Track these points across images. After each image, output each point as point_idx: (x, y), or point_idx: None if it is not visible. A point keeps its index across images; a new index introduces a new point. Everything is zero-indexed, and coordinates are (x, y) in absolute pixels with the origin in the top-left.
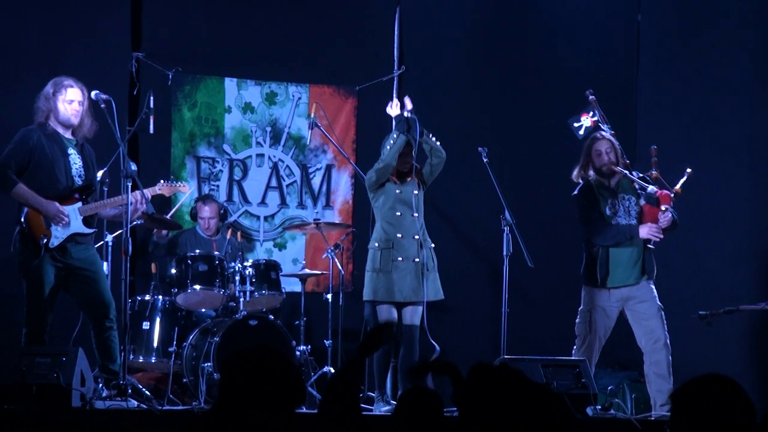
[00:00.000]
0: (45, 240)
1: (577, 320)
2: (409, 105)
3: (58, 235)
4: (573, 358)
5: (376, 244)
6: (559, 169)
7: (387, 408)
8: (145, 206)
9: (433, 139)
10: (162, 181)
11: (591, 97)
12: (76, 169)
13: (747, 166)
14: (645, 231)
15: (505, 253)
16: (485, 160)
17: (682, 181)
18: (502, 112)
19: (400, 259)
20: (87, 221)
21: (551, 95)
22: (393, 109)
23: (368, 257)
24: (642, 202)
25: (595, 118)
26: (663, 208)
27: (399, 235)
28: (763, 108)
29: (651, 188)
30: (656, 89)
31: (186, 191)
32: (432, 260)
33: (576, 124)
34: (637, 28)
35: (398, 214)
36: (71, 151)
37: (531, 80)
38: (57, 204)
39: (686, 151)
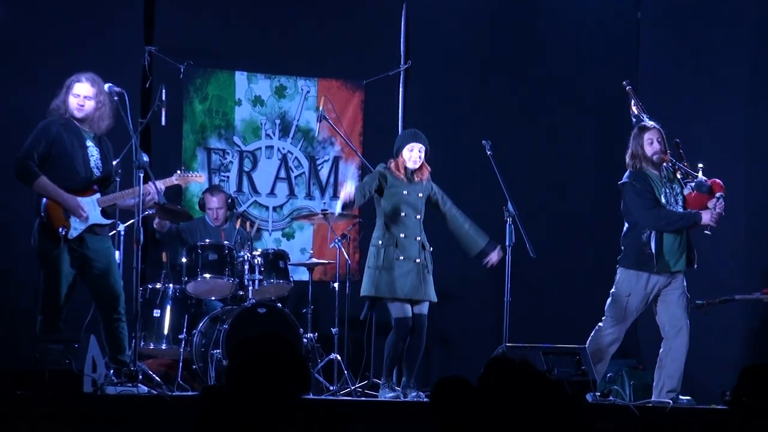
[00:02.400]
0: (64, 231)
1: (609, 300)
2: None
3: (76, 226)
4: (574, 345)
5: (380, 242)
6: (560, 161)
7: (392, 395)
8: (158, 197)
9: None
10: (178, 172)
11: (628, 87)
12: (95, 160)
13: (744, 160)
14: (707, 217)
15: (507, 243)
16: (489, 152)
17: (700, 175)
18: (505, 106)
19: (401, 258)
20: (105, 212)
21: (553, 90)
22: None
23: (369, 254)
24: (687, 190)
25: (636, 107)
26: (717, 195)
27: (402, 235)
28: (760, 103)
29: (701, 177)
30: (656, 85)
31: (201, 181)
32: (431, 263)
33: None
34: (637, 26)
35: (403, 214)
36: (89, 143)
37: (533, 75)
38: (78, 199)
39: (685, 144)
